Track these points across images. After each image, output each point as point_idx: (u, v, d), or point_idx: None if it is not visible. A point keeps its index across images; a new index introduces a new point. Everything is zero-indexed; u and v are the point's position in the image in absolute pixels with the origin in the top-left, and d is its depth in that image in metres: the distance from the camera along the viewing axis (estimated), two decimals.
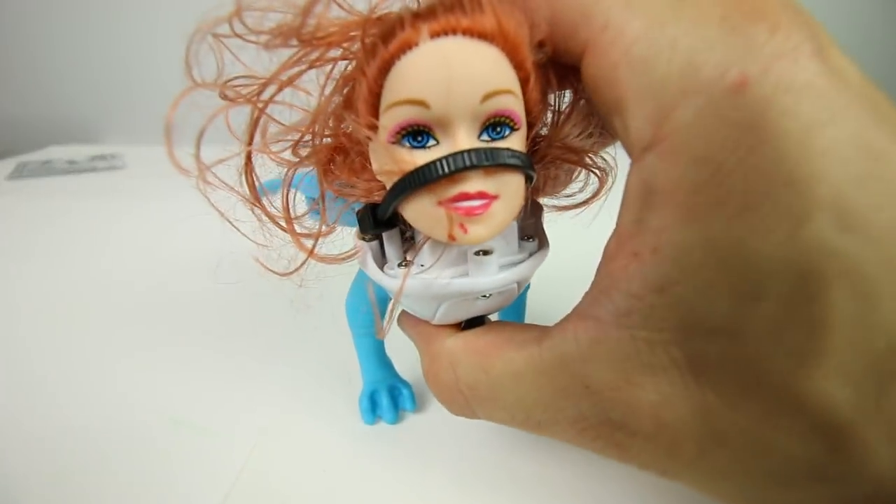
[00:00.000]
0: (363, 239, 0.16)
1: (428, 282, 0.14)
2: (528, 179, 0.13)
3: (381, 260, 0.16)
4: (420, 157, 0.12)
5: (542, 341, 0.13)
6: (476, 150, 0.12)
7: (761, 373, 0.10)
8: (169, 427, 0.23)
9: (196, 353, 0.28)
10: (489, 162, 0.12)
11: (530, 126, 0.13)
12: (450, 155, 0.12)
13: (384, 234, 0.15)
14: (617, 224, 0.12)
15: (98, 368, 0.27)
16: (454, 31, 0.11)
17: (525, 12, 0.12)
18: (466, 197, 0.12)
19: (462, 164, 0.12)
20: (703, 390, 0.11)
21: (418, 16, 0.11)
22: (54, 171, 0.66)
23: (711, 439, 0.11)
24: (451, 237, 0.12)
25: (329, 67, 0.13)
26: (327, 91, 0.13)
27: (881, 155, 0.09)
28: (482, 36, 0.11)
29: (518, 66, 0.12)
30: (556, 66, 0.12)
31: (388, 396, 0.22)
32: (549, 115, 0.14)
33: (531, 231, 0.16)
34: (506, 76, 0.12)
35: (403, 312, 0.18)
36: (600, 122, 0.14)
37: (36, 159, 0.72)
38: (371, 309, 0.19)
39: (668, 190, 0.10)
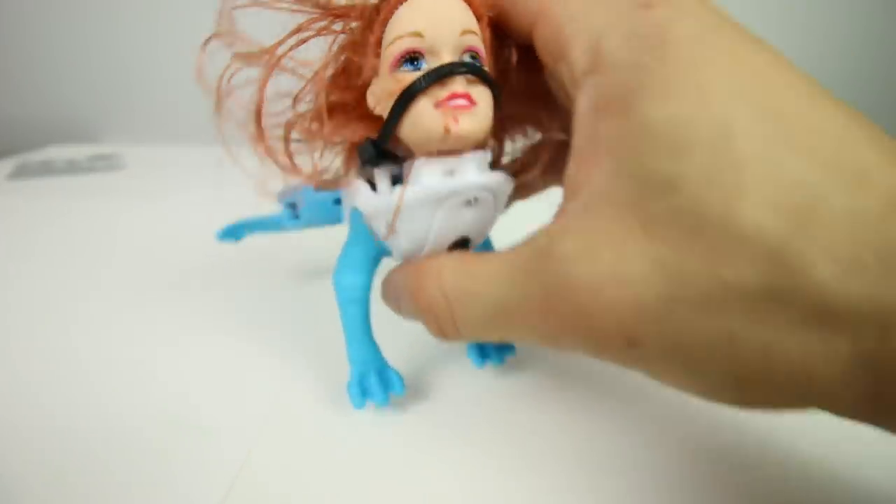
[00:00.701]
0: (366, 163, 0.18)
1: (426, 186, 0.17)
2: (496, 101, 0.17)
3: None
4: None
5: (517, 245, 0.16)
6: (461, 62, 0.16)
7: (701, 215, 0.12)
8: (168, 426, 0.23)
9: (195, 351, 0.28)
10: (470, 70, 0.16)
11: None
12: (444, 64, 0.16)
13: (375, 173, 0.18)
14: (572, 151, 0.15)
15: (97, 368, 0.27)
16: None
17: None
18: (456, 96, 0.16)
19: (453, 69, 0.16)
20: (656, 245, 0.13)
21: None
22: (54, 171, 0.66)
23: (670, 287, 0.12)
24: (447, 129, 0.16)
25: (332, 36, 0.17)
26: (329, 50, 0.17)
27: (758, 40, 0.14)
28: None
29: (478, 17, 0.17)
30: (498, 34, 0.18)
31: (378, 379, 0.22)
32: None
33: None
34: (472, 21, 0.17)
35: (386, 282, 0.20)
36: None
37: (35, 159, 0.72)
38: (363, 269, 0.21)
39: (609, 98, 0.14)
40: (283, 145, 0.18)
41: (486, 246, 0.24)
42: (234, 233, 0.35)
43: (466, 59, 0.16)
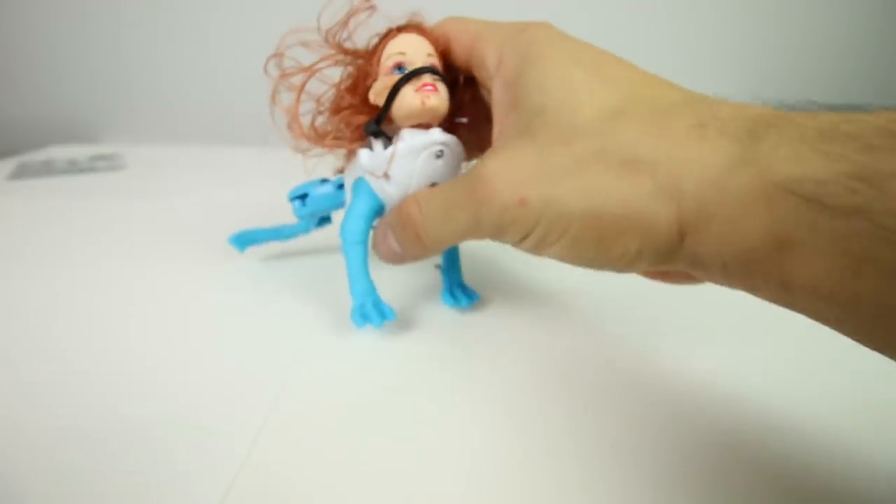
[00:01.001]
0: (370, 134, 0.27)
1: (409, 141, 0.26)
2: (451, 94, 0.27)
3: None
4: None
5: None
6: (427, 66, 0.26)
7: (558, 123, 0.20)
8: (169, 424, 0.23)
9: (196, 349, 0.28)
10: (433, 71, 0.26)
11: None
12: (418, 67, 0.26)
13: (373, 142, 0.27)
14: (494, 118, 0.25)
15: (97, 367, 0.27)
16: (410, 31, 0.27)
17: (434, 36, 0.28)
18: (426, 84, 0.26)
19: (423, 69, 0.26)
20: (535, 144, 0.21)
21: (397, 28, 0.27)
22: (54, 170, 0.66)
23: (542, 163, 0.20)
24: (423, 103, 0.25)
25: (345, 65, 0.28)
26: (343, 74, 0.28)
27: (590, 44, 0.23)
28: (420, 33, 0.27)
29: (435, 48, 0.27)
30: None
31: (375, 308, 0.28)
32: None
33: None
34: (432, 50, 0.27)
35: (376, 237, 0.28)
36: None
37: (36, 159, 0.72)
38: (366, 219, 0.28)
39: (508, 81, 0.23)
40: (311, 127, 0.29)
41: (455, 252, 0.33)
42: (241, 241, 0.38)
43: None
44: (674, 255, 0.18)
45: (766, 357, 0.28)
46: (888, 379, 0.26)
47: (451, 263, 0.33)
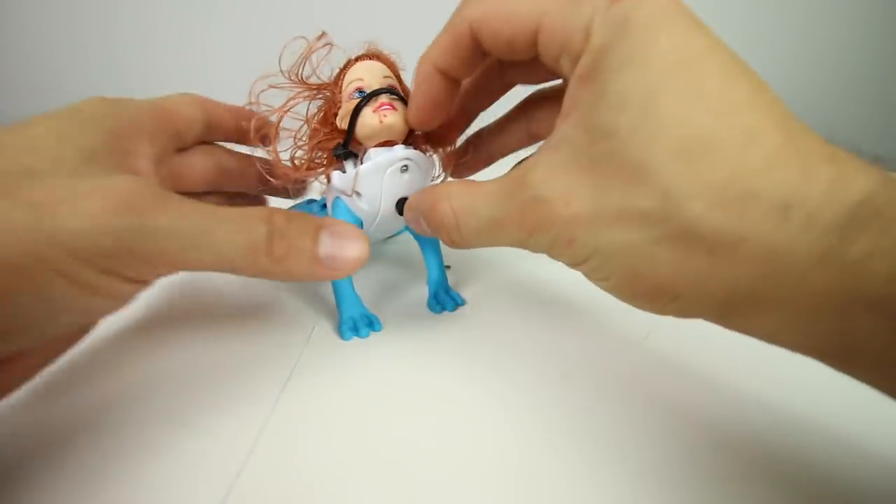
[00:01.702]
0: (338, 156, 0.29)
1: (374, 160, 0.28)
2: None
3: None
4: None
5: (503, 174, 0.21)
6: (383, 88, 0.28)
7: (625, 157, 0.17)
8: (170, 423, 0.23)
9: (193, 353, 0.28)
10: (389, 91, 0.28)
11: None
12: (375, 89, 0.28)
13: (344, 163, 0.29)
14: (558, 123, 0.20)
15: (95, 367, 0.27)
16: (365, 59, 0.29)
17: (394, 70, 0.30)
18: (383, 104, 0.27)
19: (380, 91, 0.27)
20: (593, 177, 0.18)
21: (355, 58, 0.29)
22: None
23: (596, 205, 0.17)
24: (381, 122, 0.27)
25: (311, 100, 0.29)
26: (313, 107, 0.30)
27: (703, 27, 0.18)
28: (376, 59, 0.29)
29: (393, 72, 0.29)
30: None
31: (363, 321, 0.30)
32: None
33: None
34: (389, 73, 0.29)
35: (408, 208, 0.26)
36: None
37: None
38: None
39: (587, 70, 0.18)
40: (291, 160, 0.30)
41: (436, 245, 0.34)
42: None
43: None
44: (718, 320, 0.17)
45: (765, 356, 0.28)
46: None
47: (436, 270, 0.33)
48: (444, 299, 0.33)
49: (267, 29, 0.84)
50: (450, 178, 0.32)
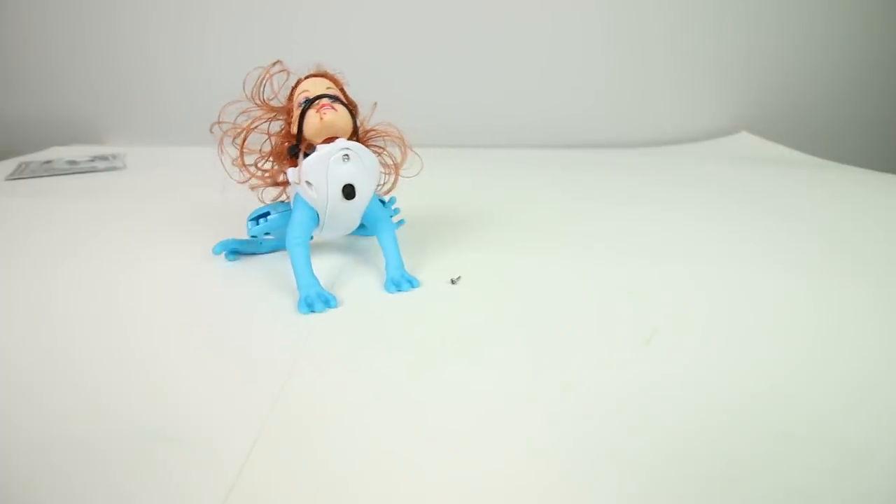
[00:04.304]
0: (292, 156, 0.35)
1: (317, 152, 0.33)
2: (351, 115, 0.35)
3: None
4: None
5: None
6: (323, 94, 0.34)
7: None
8: (170, 424, 0.23)
9: (192, 356, 0.28)
10: (329, 96, 0.34)
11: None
12: (317, 94, 0.34)
13: (298, 161, 0.34)
14: None
15: (94, 373, 0.27)
16: (312, 77, 0.36)
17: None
18: (323, 105, 0.33)
19: (321, 96, 0.33)
20: None
21: (305, 77, 0.36)
22: (55, 170, 0.66)
23: None
24: (321, 119, 0.32)
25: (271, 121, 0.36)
26: (273, 124, 0.36)
27: None
28: (321, 76, 0.36)
29: (336, 86, 0.36)
30: None
31: (319, 298, 0.33)
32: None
33: None
34: (331, 85, 0.35)
35: None
36: None
37: (37, 159, 0.72)
38: (304, 226, 0.34)
39: None
40: (256, 168, 0.37)
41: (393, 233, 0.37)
42: (224, 248, 0.39)
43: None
44: None
45: (767, 360, 0.28)
46: (888, 379, 0.26)
47: (394, 255, 0.36)
48: (399, 281, 0.35)
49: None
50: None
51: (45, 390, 0.25)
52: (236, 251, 0.40)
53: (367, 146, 0.35)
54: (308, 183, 0.33)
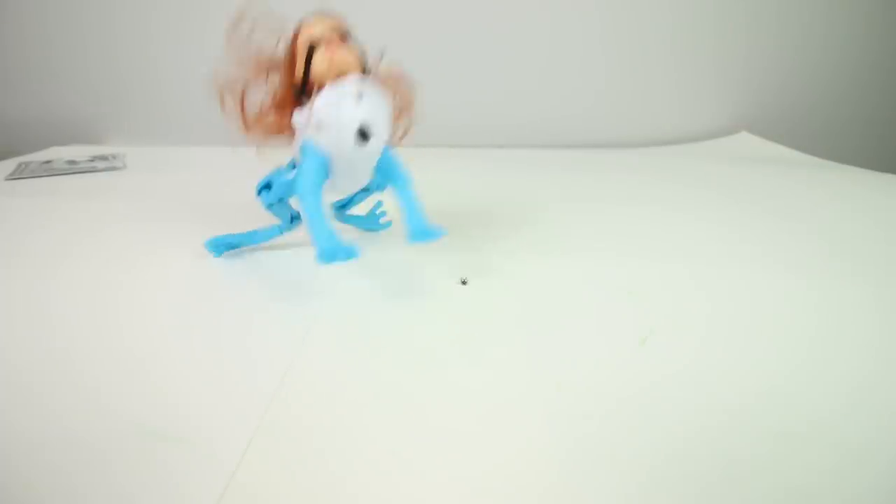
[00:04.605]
0: (297, 97, 0.32)
1: (327, 91, 0.30)
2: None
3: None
4: None
5: None
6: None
7: None
8: (171, 423, 0.23)
9: (189, 356, 0.28)
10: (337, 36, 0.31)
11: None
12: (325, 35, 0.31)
13: (304, 105, 0.31)
14: None
15: (93, 372, 0.27)
16: (315, 18, 0.31)
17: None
18: (332, 43, 0.30)
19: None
20: None
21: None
22: (54, 170, 0.66)
23: None
24: (331, 58, 0.30)
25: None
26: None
27: None
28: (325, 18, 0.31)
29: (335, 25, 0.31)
30: None
31: (340, 248, 0.29)
32: None
33: None
34: (336, 26, 0.31)
35: None
36: None
37: (36, 159, 0.72)
38: (315, 173, 0.31)
39: None
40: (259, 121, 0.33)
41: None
42: (217, 246, 0.38)
43: None
44: None
45: (764, 360, 0.28)
46: (888, 378, 0.26)
47: (412, 203, 0.33)
48: (425, 230, 0.33)
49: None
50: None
51: (44, 390, 0.25)
52: (231, 245, 0.38)
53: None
54: (318, 126, 0.30)
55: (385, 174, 0.34)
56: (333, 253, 0.29)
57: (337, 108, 0.30)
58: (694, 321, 0.31)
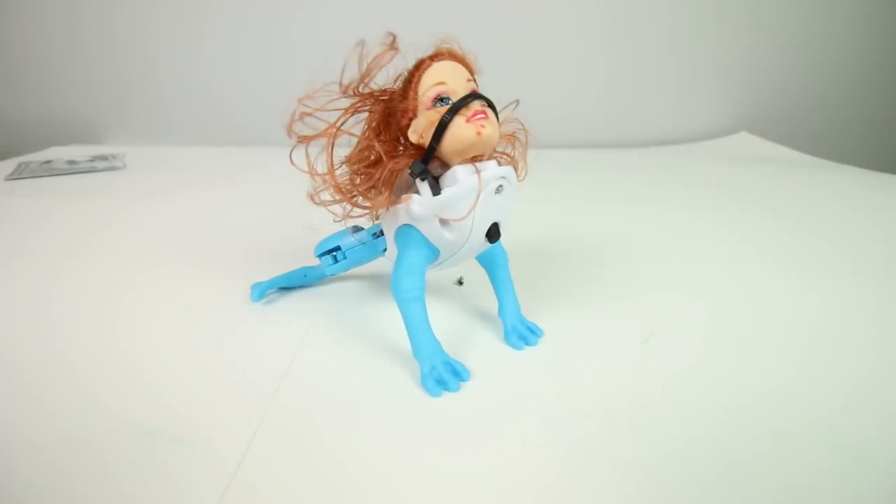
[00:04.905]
0: (417, 178, 0.25)
1: (472, 182, 0.24)
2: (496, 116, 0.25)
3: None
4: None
5: None
6: (474, 93, 0.24)
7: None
8: (171, 424, 0.23)
9: (187, 357, 0.28)
10: (480, 96, 0.24)
11: None
12: (467, 94, 0.24)
13: (420, 185, 0.25)
14: None
15: (93, 372, 0.27)
16: (443, 58, 0.25)
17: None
18: (478, 112, 0.24)
19: (473, 97, 0.24)
20: None
21: (430, 58, 0.25)
22: (54, 170, 0.66)
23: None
24: (479, 133, 0.23)
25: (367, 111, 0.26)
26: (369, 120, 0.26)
27: None
28: (455, 59, 0.25)
29: (471, 73, 0.25)
30: None
31: (448, 370, 0.25)
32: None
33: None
34: (470, 75, 0.25)
35: None
36: None
37: (36, 159, 0.72)
38: (421, 272, 0.26)
39: None
40: (350, 186, 0.26)
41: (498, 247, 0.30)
42: (263, 292, 0.33)
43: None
44: None
45: (764, 361, 0.28)
46: (888, 378, 0.25)
47: (511, 299, 0.29)
48: (524, 333, 0.29)
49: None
50: None
51: (44, 390, 0.25)
52: (281, 288, 0.34)
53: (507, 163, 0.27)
54: (444, 220, 0.24)
55: (486, 256, 0.30)
56: (442, 379, 0.25)
57: (473, 205, 0.24)
58: (694, 321, 0.31)
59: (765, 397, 0.24)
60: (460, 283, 0.36)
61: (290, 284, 0.34)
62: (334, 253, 0.31)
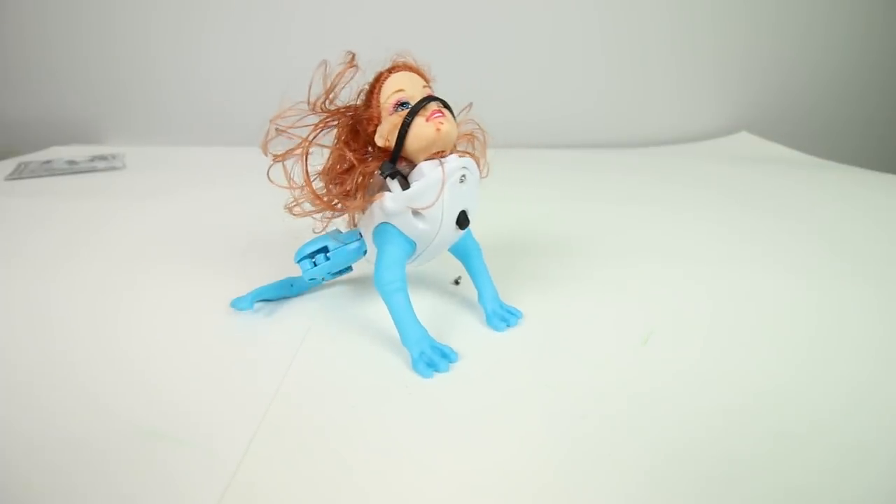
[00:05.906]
0: (388, 177, 0.27)
1: (435, 173, 0.26)
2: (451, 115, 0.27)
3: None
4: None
5: None
6: (430, 96, 0.27)
7: None
8: (171, 423, 0.23)
9: (192, 353, 0.28)
10: (436, 98, 0.27)
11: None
12: (423, 98, 0.26)
13: (390, 183, 0.27)
14: None
15: (93, 372, 0.27)
16: (400, 70, 0.27)
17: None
18: (435, 112, 0.26)
19: (429, 99, 0.26)
20: None
21: (387, 70, 0.27)
22: (54, 171, 0.66)
23: None
24: (438, 129, 0.26)
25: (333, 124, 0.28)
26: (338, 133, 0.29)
27: None
28: (410, 70, 0.28)
29: (426, 81, 0.28)
30: None
31: (437, 353, 0.27)
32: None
33: None
34: (425, 82, 0.28)
35: None
36: None
37: (36, 159, 0.72)
38: (400, 264, 0.28)
39: None
40: (327, 195, 0.28)
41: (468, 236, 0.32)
42: (245, 302, 0.32)
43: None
44: None
45: (764, 361, 0.28)
46: (888, 378, 0.26)
47: (489, 285, 0.31)
48: (504, 315, 0.31)
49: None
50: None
51: (43, 390, 0.25)
52: (265, 300, 0.33)
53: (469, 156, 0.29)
54: (417, 212, 0.27)
55: (459, 248, 0.32)
56: (432, 362, 0.26)
57: (440, 194, 0.26)
58: (694, 321, 0.31)
59: (765, 397, 0.24)
60: (457, 282, 0.36)
61: (275, 296, 0.33)
62: (314, 258, 0.30)
